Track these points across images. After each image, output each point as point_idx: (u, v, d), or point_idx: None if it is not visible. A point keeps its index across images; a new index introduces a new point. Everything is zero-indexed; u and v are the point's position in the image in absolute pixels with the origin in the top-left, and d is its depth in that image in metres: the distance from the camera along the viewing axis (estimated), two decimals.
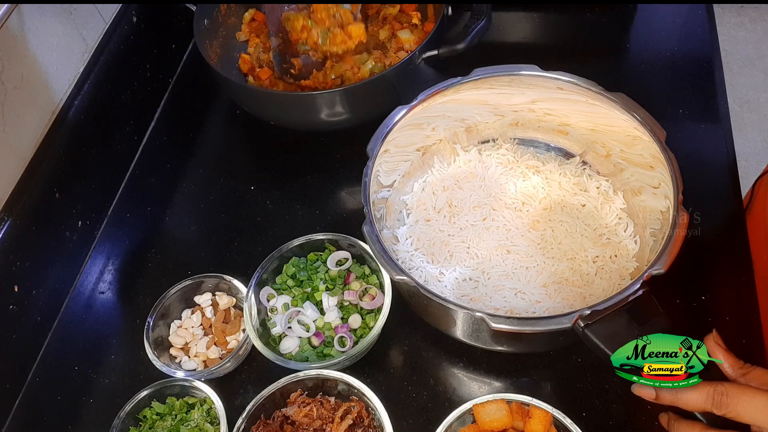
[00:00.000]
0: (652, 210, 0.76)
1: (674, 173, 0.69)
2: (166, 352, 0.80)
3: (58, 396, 0.81)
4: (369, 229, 0.70)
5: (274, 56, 1.00)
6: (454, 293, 0.78)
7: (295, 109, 0.91)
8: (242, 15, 1.07)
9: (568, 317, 0.61)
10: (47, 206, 0.86)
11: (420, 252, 0.81)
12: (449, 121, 0.86)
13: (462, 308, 0.63)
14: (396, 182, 0.85)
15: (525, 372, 0.76)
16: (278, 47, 1.00)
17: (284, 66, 0.99)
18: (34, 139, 0.86)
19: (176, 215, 0.98)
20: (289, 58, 0.99)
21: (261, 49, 1.03)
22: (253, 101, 0.96)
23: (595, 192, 0.83)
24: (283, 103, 0.92)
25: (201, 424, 0.73)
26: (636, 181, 0.79)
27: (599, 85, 0.77)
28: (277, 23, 1.00)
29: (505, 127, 0.88)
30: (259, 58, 1.02)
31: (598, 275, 0.77)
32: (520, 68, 0.79)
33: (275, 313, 0.79)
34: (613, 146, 0.81)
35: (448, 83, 0.80)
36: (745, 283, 0.78)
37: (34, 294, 0.84)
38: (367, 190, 0.73)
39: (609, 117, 0.78)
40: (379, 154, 0.77)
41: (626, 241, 0.79)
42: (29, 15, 0.83)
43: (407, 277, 0.66)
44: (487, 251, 0.80)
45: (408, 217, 0.85)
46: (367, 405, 0.70)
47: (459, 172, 0.88)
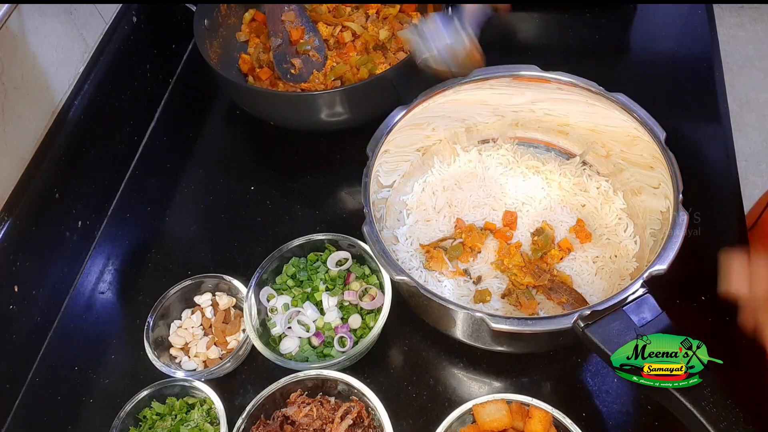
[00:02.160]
0: (652, 210, 0.76)
1: (674, 173, 0.69)
2: (166, 352, 0.80)
3: (58, 396, 0.81)
4: (369, 230, 0.70)
5: (275, 57, 1.00)
6: (453, 293, 0.78)
7: (294, 110, 0.91)
8: (242, 15, 1.07)
9: (567, 317, 0.61)
10: (47, 206, 0.86)
11: (420, 252, 0.81)
12: (449, 121, 0.86)
13: (462, 308, 0.63)
14: (396, 182, 0.85)
15: (525, 372, 0.76)
16: (279, 47, 1.00)
17: (284, 66, 0.99)
18: (34, 139, 0.86)
19: (176, 215, 0.98)
20: (289, 58, 0.99)
21: (261, 50, 1.03)
22: (253, 101, 0.96)
23: (595, 192, 0.83)
24: (282, 103, 0.92)
25: (201, 424, 0.73)
26: (636, 181, 0.79)
27: (599, 86, 0.77)
28: (278, 23, 1.00)
29: (506, 127, 0.88)
30: (259, 59, 1.02)
31: (598, 275, 0.77)
32: (520, 68, 0.80)
33: (275, 314, 0.79)
34: (613, 146, 0.81)
35: (449, 83, 0.80)
36: None
37: (34, 294, 0.84)
38: (368, 191, 0.73)
39: (609, 117, 0.78)
40: (379, 155, 0.77)
41: (626, 242, 0.79)
42: (29, 15, 0.83)
43: (407, 277, 0.66)
44: (487, 251, 0.80)
45: (408, 217, 0.85)
46: (367, 405, 0.70)
47: (459, 172, 0.88)
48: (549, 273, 0.77)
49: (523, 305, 0.74)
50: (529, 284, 0.76)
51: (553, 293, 0.75)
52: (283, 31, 1.01)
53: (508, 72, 0.80)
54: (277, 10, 1.00)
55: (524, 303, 0.74)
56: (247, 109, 0.99)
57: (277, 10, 1.00)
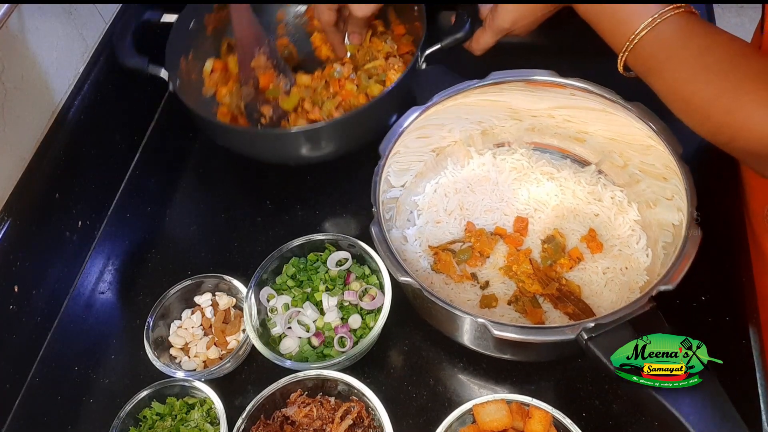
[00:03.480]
0: (665, 223, 0.75)
1: (689, 188, 0.68)
2: (166, 352, 0.80)
3: (58, 396, 0.81)
4: (377, 229, 0.69)
5: (246, 108, 0.93)
6: (459, 297, 0.77)
7: (277, 148, 0.86)
8: (201, 70, 0.97)
9: (571, 328, 0.60)
10: (47, 206, 0.86)
11: (428, 254, 0.81)
12: (465, 123, 0.85)
13: (465, 314, 0.63)
14: (408, 182, 0.85)
15: (525, 372, 0.76)
16: (249, 96, 0.94)
17: (255, 116, 0.93)
18: (34, 139, 0.86)
19: (176, 215, 0.98)
20: (259, 106, 0.93)
21: (237, 97, 0.95)
22: (230, 140, 0.89)
23: (609, 202, 0.82)
24: (263, 141, 0.86)
25: (201, 425, 0.73)
26: (651, 193, 0.78)
27: (617, 94, 0.75)
28: (248, 70, 0.93)
29: (522, 131, 0.87)
30: (239, 107, 0.94)
31: (607, 287, 0.76)
32: (537, 73, 0.78)
33: (275, 314, 0.79)
34: (631, 156, 0.80)
35: (465, 86, 0.79)
36: (745, 283, 0.78)
37: (34, 294, 0.84)
38: (377, 190, 0.72)
39: (626, 126, 0.76)
40: (392, 154, 0.76)
41: (638, 254, 0.77)
42: (29, 15, 0.83)
43: (412, 279, 0.65)
44: (496, 257, 0.80)
45: (419, 218, 0.85)
46: (367, 405, 0.70)
47: (472, 175, 0.87)
48: (558, 282, 0.76)
49: (529, 313, 0.74)
50: (536, 292, 0.76)
51: (560, 303, 0.75)
52: (254, 78, 0.94)
53: (525, 77, 0.79)
54: (248, 57, 0.93)
55: (530, 311, 0.74)
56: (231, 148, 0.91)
57: (248, 56, 0.93)
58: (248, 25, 0.93)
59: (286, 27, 1.05)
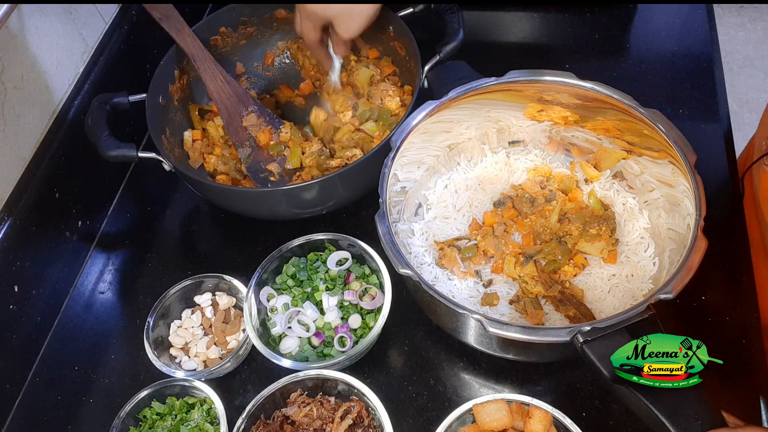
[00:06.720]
0: (672, 231, 0.74)
1: (699, 197, 0.67)
2: (166, 352, 0.80)
3: (58, 396, 0.81)
4: (382, 220, 0.69)
5: (248, 169, 0.91)
6: (462, 293, 0.77)
7: (272, 205, 0.84)
8: (180, 140, 0.95)
9: (566, 330, 0.60)
10: (47, 206, 0.86)
11: (434, 248, 0.81)
12: (481, 120, 0.84)
13: (462, 309, 0.63)
14: (419, 176, 0.84)
15: (525, 372, 0.76)
16: (249, 157, 0.91)
17: (262, 176, 0.90)
18: (34, 139, 0.86)
19: (176, 215, 0.98)
20: (264, 165, 0.91)
21: (222, 162, 0.93)
22: (223, 200, 0.88)
23: (621, 208, 0.81)
24: (255, 200, 0.84)
25: (201, 424, 0.73)
26: (664, 201, 0.77)
27: (634, 99, 0.74)
28: (240, 132, 0.91)
29: (538, 132, 0.86)
30: (240, 170, 0.92)
31: (611, 293, 0.76)
32: (556, 74, 0.77)
33: (275, 313, 0.79)
34: (646, 164, 0.79)
35: (482, 83, 0.78)
36: (745, 283, 0.78)
37: (34, 294, 0.84)
38: (385, 182, 0.72)
39: (642, 132, 0.76)
40: (403, 147, 0.75)
41: (645, 262, 0.77)
42: (29, 15, 0.83)
43: (411, 271, 0.65)
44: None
45: (427, 213, 0.84)
46: (367, 405, 0.70)
47: (484, 174, 0.87)
48: (561, 285, 0.76)
49: (529, 314, 0.74)
50: (538, 293, 0.76)
51: (562, 305, 0.74)
52: (249, 137, 0.92)
53: (541, 78, 0.78)
54: (236, 118, 0.91)
55: (531, 312, 0.74)
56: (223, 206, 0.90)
57: (236, 118, 0.91)
58: (223, 83, 0.91)
59: (248, 79, 1.04)
